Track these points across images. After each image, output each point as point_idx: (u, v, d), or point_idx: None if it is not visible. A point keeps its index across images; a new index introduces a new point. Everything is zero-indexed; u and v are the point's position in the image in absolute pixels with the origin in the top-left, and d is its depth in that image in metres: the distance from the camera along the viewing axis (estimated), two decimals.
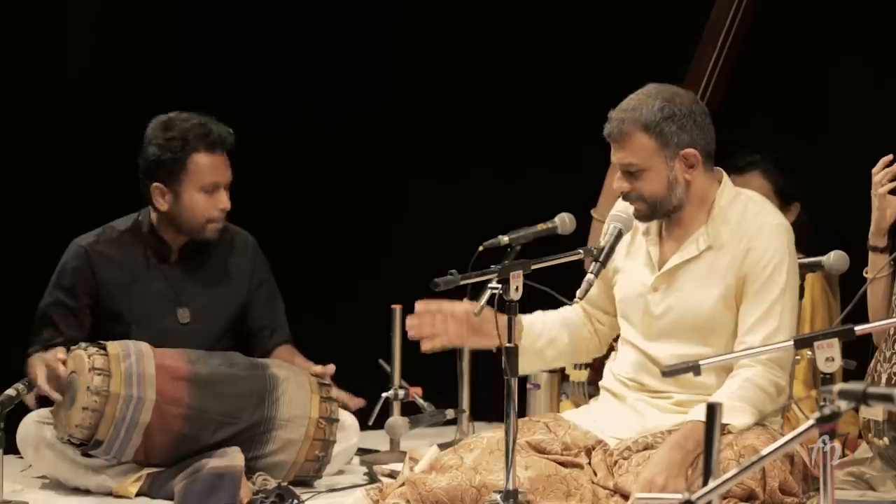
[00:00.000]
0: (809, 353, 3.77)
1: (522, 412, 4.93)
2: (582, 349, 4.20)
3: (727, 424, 3.75)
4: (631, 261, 4.05)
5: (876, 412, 3.96)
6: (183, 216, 4.74)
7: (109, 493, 4.50)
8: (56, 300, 4.77)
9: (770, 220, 3.97)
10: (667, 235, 4.02)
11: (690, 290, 3.94)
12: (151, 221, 4.81)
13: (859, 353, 4.24)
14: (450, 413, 5.13)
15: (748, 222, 3.95)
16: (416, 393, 5.18)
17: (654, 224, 4.03)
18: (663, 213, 3.97)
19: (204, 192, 4.72)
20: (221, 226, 4.78)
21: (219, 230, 4.78)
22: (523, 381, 5.15)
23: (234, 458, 4.41)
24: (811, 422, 2.56)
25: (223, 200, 4.73)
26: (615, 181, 3.97)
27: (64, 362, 4.47)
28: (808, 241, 4.60)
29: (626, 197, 3.95)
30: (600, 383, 4.14)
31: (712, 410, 2.63)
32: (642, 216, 3.97)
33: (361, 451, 5.08)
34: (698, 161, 3.93)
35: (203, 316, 4.82)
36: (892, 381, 3.98)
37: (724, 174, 4.02)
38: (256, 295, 4.93)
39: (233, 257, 4.91)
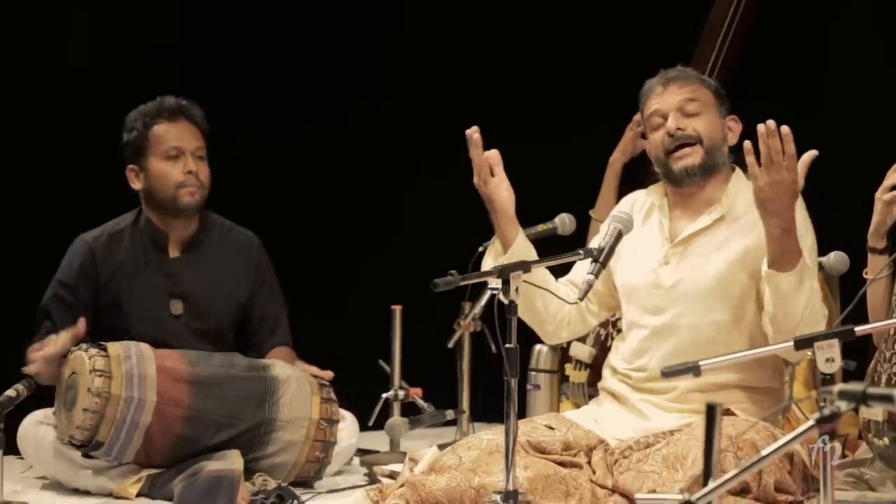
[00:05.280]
0: (809, 353, 3.76)
1: (522, 413, 4.93)
2: (557, 317, 4.14)
3: None
4: (636, 247, 4.05)
5: (876, 413, 3.95)
6: (155, 190, 4.80)
7: (109, 494, 4.50)
8: (56, 295, 4.82)
9: None
10: (680, 213, 4.06)
11: (701, 257, 3.96)
12: (146, 213, 4.85)
13: (859, 353, 4.25)
14: (450, 414, 5.13)
15: None
16: (415, 393, 5.18)
17: (665, 202, 4.08)
18: (711, 170, 4.01)
19: (167, 158, 4.78)
20: (197, 193, 4.80)
21: (196, 198, 4.80)
22: (523, 382, 5.15)
23: (232, 461, 4.40)
24: (811, 422, 2.56)
25: (189, 164, 4.79)
26: (671, 120, 4.01)
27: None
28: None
29: (682, 145, 3.99)
30: (599, 385, 4.13)
31: (712, 411, 2.62)
32: (697, 166, 4.01)
33: (361, 452, 5.08)
34: (738, 131, 4.05)
35: (197, 310, 4.83)
36: (893, 382, 3.97)
37: (737, 167, 4.05)
38: (258, 295, 4.94)
39: (236, 256, 4.93)
